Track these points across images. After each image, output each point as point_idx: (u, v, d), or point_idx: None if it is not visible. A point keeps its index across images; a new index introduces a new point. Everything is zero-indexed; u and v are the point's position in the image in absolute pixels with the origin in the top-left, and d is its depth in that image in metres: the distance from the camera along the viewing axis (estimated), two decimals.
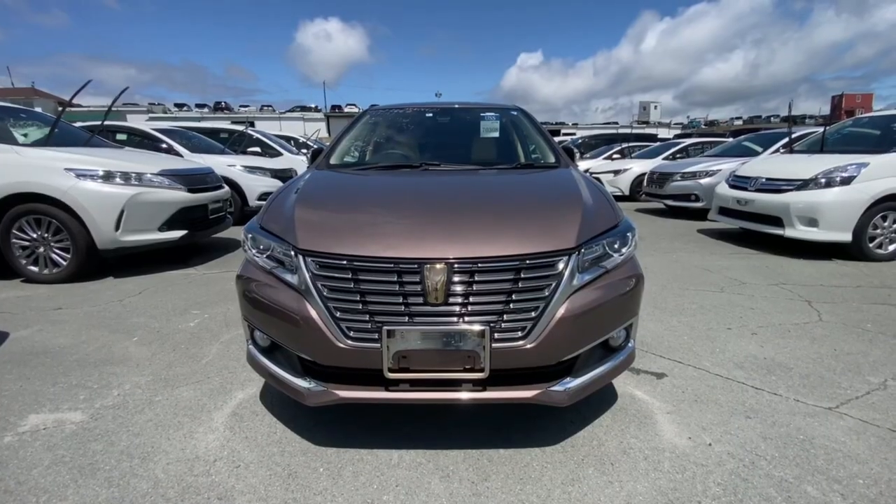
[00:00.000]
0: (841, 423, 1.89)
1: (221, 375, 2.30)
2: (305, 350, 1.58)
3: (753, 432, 1.83)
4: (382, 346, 1.47)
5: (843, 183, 4.65)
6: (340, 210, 1.85)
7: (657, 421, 1.92)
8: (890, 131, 5.23)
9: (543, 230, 1.63)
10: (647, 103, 77.73)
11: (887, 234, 4.71)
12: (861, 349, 2.61)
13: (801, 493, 1.49)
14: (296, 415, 1.93)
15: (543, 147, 2.87)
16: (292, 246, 1.63)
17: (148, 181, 4.09)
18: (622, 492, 1.51)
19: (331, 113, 59.26)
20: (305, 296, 1.55)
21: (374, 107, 3.33)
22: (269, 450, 1.72)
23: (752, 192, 5.41)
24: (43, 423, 1.88)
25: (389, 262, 1.50)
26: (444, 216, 1.73)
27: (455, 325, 1.47)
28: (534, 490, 1.51)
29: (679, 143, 11.57)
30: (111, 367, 2.37)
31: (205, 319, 3.08)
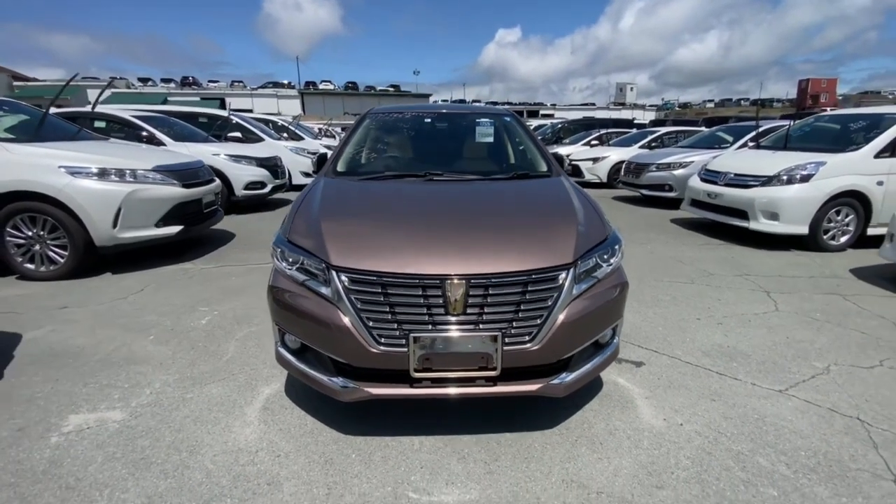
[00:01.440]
0: (789, 404, 2.24)
1: (245, 372, 2.48)
2: (340, 354, 1.79)
3: (717, 413, 2.16)
4: (409, 351, 1.70)
5: (803, 180, 5.07)
6: (364, 227, 2.04)
7: (637, 405, 2.23)
8: (847, 131, 5.67)
9: (546, 247, 1.88)
10: (624, 84, 78.61)
11: (840, 227, 5.18)
12: (810, 337, 2.99)
13: (754, 463, 1.83)
14: (322, 408, 2.15)
15: (536, 155, 3.09)
16: (325, 262, 1.82)
17: (143, 177, 4.12)
18: (610, 466, 1.80)
19: (305, 90, 57.44)
20: (340, 306, 1.75)
21: (372, 110, 3.45)
22: (304, 440, 1.95)
23: (722, 186, 5.80)
24: (85, 423, 2.04)
25: (415, 278, 1.72)
26: (459, 235, 1.94)
27: (472, 331, 1.71)
28: (537, 467, 1.80)
29: (655, 131, 11.97)
30: (136, 367, 2.52)
31: (215, 317, 3.23)
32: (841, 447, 1.93)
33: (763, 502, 1.63)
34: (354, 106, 52.84)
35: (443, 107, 3.57)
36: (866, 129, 5.41)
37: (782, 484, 1.72)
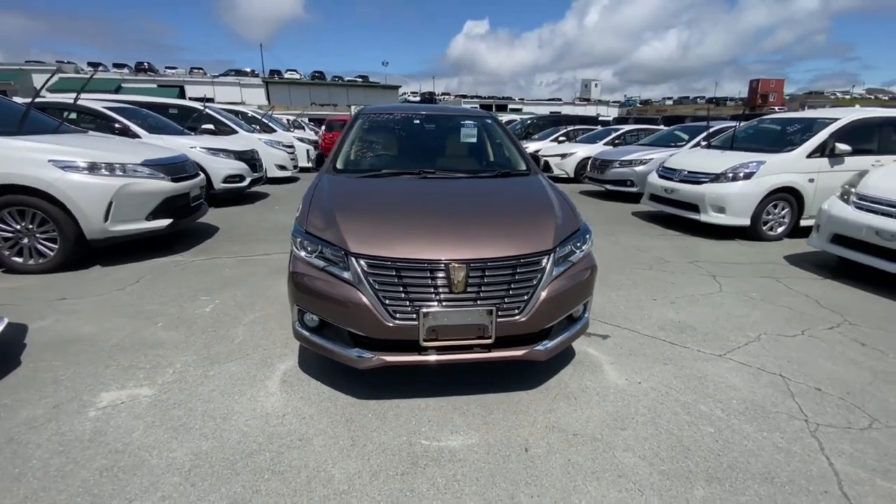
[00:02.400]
0: (726, 365, 2.72)
1: (258, 352, 2.72)
2: (358, 327, 2.08)
3: (668, 374, 2.60)
4: (419, 324, 2.02)
5: (746, 178, 5.69)
6: (375, 219, 2.31)
7: (604, 369, 2.64)
8: (785, 133, 6.37)
9: (530, 236, 2.23)
10: (589, 81, 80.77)
11: (777, 219, 5.85)
12: (746, 312, 3.51)
13: (697, 409, 2.27)
14: (335, 378, 2.44)
15: (516, 155, 3.44)
16: (344, 250, 2.10)
17: (132, 172, 4.20)
18: (583, 415, 2.20)
19: (269, 78, 55.72)
20: (359, 287, 2.05)
21: (364, 111, 3.70)
22: (324, 405, 2.23)
23: (677, 182, 6.38)
24: (118, 399, 2.25)
25: (424, 262, 2.03)
26: (457, 226, 2.26)
27: (471, 306, 2.05)
28: (525, 418, 2.16)
29: (618, 129, 12.66)
30: (153, 350, 2.71)
31: (217, 305, 3.42)
32: (765, 396, 2.40)
33: (702, 436, 2.06)
34: (322, 96, 51.81)
35: (429, 108, 3.86)
36: (801, 131, 6.11)
37: (718, 423, 2.16)
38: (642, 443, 2.02)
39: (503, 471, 1.83)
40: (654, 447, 1.99)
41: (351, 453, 1.91)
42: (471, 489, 1.74)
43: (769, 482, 1.80)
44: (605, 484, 1.78)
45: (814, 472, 1.86)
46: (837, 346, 2.97)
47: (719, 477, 1.83)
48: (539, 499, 1.70)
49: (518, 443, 2.00)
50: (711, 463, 1.90)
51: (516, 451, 1.95)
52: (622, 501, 1.69)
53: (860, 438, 2.07)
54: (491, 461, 1.88)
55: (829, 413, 2.26)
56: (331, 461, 1.87)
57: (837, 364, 2.74)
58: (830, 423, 2.18)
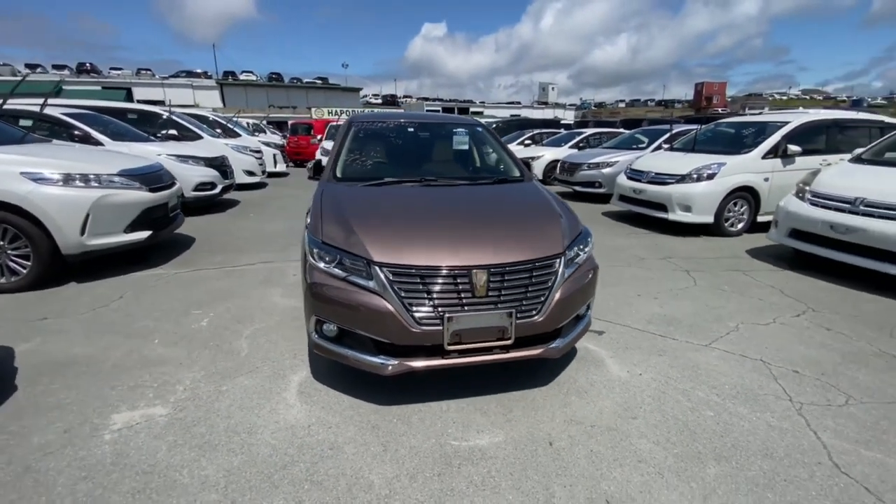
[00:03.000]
0: (713, 354, 2.95)
1: (268, 365, 2.70)
2: (384, 335, 2.13)
3: (665, 364, 2.80)
4: (444, 329, 2.09)
5: (709, 178, 6.11)
6: (392, 227, 2.36)
7: (606, 363, 2.81)
8: (741, 136, 6.88)
9: (543, 240, 2.36)
10: (546, 84, 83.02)
11: (737, 216, 6.31)
12: (722, 304, 3.80)
13: (695, 396, 2.46)
14: (352, 386, 2.46)
15: (509, 161, 3.58)
16: (366, 259, 2.15)
17: (109, 182, 4.02)
18: (596, 408, 2.34)
19: (224, 80, 53.70)
20: (384, 295, 2.09)
21: (356, 119, 3.72)
22: (347, 413, 2.26)
23: (645, 183, 6.75)
24: (132, 420, 2.18)
25: (448, 269, 2.11)
26: (474, 232, 2.35)
27: (493, 310, 2.14)
28: (543, 413, 2.28)
29: (582, 132, 13.18)
30: (157, 368, 2.63)
31: (213, 318, 3.34)
32: (752, 381, 2.63)
33: (704, 420, 2.25)
34: (280, 98, 50.47)
35: (421, 116, 3.92)
36: (755, 134, 6.62)
37: (716, 407, 2.36)
38: (653, 429, 2.18)
39: (533, 464, 1.93)
40: (665, 433, 2.15)
41: (384, 458, 1.96)
42: (506, 483, 1.83)
43: (769, 458, 2.00)
44: (628, 469, 1.91)
45: (805, 447, 2.08)
46: (806, 332, 3.28)
47: (726, 456, 2.01)
48: (571, 488, 1.81)
49: (542, 437, 2.11)
50: (717, 444, 2.08)
51: (542, 445, 2.06)
52: (646, 484, 1.84)
53: (840, 414, 2.32)
54: (520, 456, 1.98)
55: (809, 392, 2.51)
56: (366, 467, 1.90)
57: (809, 348, 3.03)
58: (812, 401, 2.43)
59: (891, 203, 4.03)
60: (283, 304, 3.65)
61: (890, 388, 2.56)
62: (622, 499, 1.76)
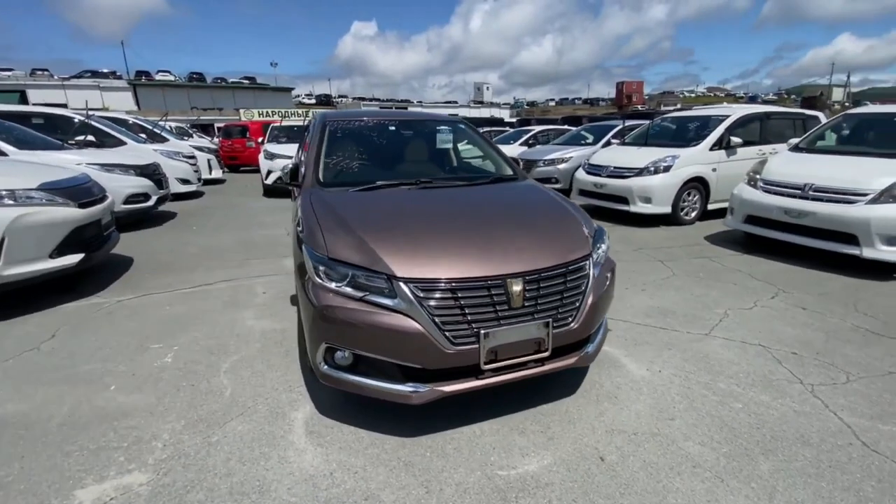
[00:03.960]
0: (716, 343, 2.99)
1: (261, 404, 2.33)
2: (414, 359, 1.87)
3: (678, 358, 2.78)
4: (480, 346, 1.89)
5: (665, 171, 6.38)
6: (408, 237, 2.09)
7: (623, 363, 2.74)
8: (688, 129, 7.27)
9: (569, 241, 2.22)
10: (481, 84, 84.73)
11: (691, 205, 6.65)
12: (705, 292, 3.92)
13: (717, 387, 2.45)
14: (366, 419, 2.18)
15: (499, 159, 3.42)
16: (387, 275, 1.88)
17: (27, 199, 3.35)
18: (632, 412, 2.24)
19: (137, 81, 48.94)
20: (412, 314, 1.84)
21: (328, 117, 3.37)
22: (372, 452, 1.98)
23: (605, 177, 6.93)
24: (105, 494, 1.75)
25: (481, 280, 1.90)
26: (498, 237, 2.15)
27: (530, 321, 1.96)
28: (582, 426, 2.14)
29: (530, 130, 13.45)
30: (122, 422, 2.17)
31: (179, 353, 2.86)
32: (761, 366, 2.68)
33: (736, 413, 2.23)
34: (204, 100, 46.96)
35: (400, 114, 3.65)
36: (700, 128, 7.02)
37: (741, 398, 2.36)
38: (693, 429, 2.12)
39: (593, 486, 1.79)
40: (706, 432, 2.10)
41: (431, 502, 1.71)
42: None
43: (807, 445, 2.01)
44: (687, 478, 1.82)
45: (833, 429, 2.12)
46: (787, 313, 3.45)
47: (770, 448, 1.99)
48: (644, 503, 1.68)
49: (590, 453, 1.97)
50: (757, 437, 2.06)
51: (593, 462, 1.91)
52: (710, 492, 1.75)
53: (847, 392, 2.41)
54: (576, 478, 1.83)
55: (813, 373, 2.60)
56: None
57: (795, 328, 3.18)
58: (819, 382, 2.51)
59: (837, 188, 4.38)
60: (259, 328, 3.23)
61: (876, 362, 2.72)
62: None
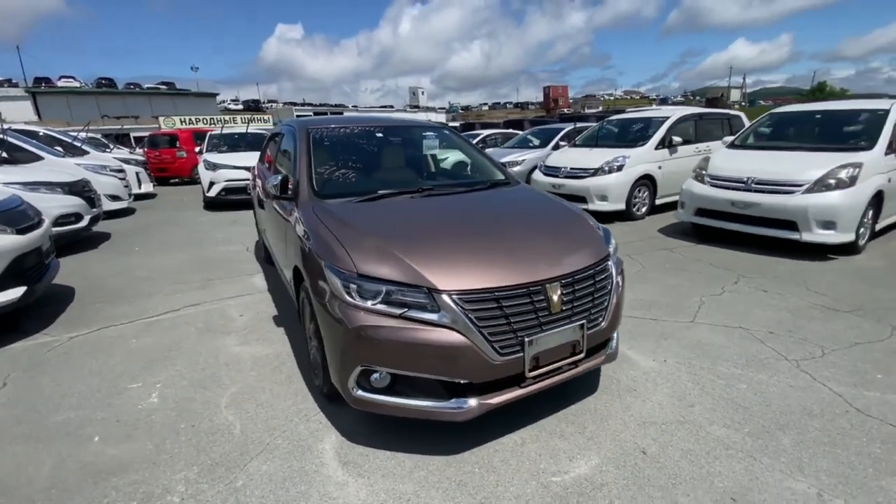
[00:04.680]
0: (703, 329, 3.20)
1: (281, 438, 2.14)
2: (462, 374, 1.82)
3: (675, 346, 2.95)
4: (525, 354, 1.87)
5: (618, 170, 6.77)
6: (438, 248, 2.02)
7: (630, 356, 2.85)
8: (633, 130, 7.77)
9: (589, 243, 2.27)
10: (416, 89, 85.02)
11: (641, 201, 7.11)
12: (677, 282, 4.19)
13: (719, 371, 2.63)
14: (400, 439, 2.08)
15: (488, 164, 3.42)
16: (427, 288, 1.81)
17: None
18: (655, 404, 2.34)
19: (36, 88, 43.39)
20: (459, 328, 1.78)
21: (309, 126, 3.19)
22: (417, 475, 1.89)
23: (563, 178, 7.22)
24: None
25: (523, 287, 1.88)
26: (525, 243, 2.14)
27: (567, 324, 1.98)
28: (615, 422, 2.20)
29: (478, 134, 13.69)
30: (122, 478, 1.89)
31: (163, 390, 2.56)
32: (749, 347, 2.90)
33: (744, 394, 2.40)
34: (115, 107, 42.72)
35: (382, 120, 3.54)
36: (644, 129, 7.54)
37: (743, 379, 2.54)
38: (714, 413, 2.25)
39: (645, 480, 1.83)
40: (726, 414, 2.24)
41: None
42: None
43: (813, 416, 2.21)
44: (725, 460, 1.93)
45: (828, 399, 2.35)
46: (752, 296, 3.78)
47: (784, 424, 2.16)
48: (694, 495, 1.75)
49: (631, 448, 2.02)
50: (770, 414, 2.23)
51: (637, 457, 1.97)
52: (749, 471, 1.87)
53: (826, 364, 2.68)
54: (627, 475, 1.86)
55: (794, 350, 2.87)
56: None
57: (764, 310, 3.49)
58: (801, 357, 2.77)
59: (776, 180, 4.89)
60: (248, 354, 2.98)
61: (841, 335, 3.05)
62: (741, 491, 1.76)
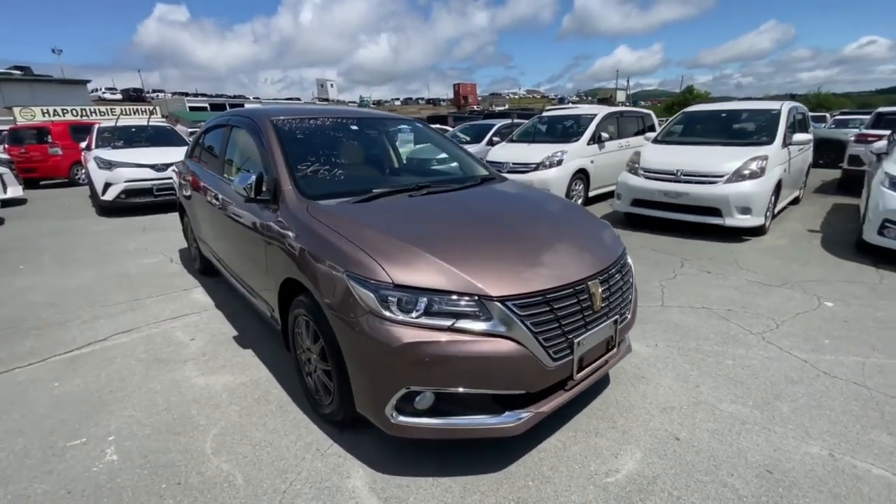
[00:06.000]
0: (675, 311, 3.43)
1: (299, 482, 1.83)
2: (518, 384, 1.70)
3: (658, 330, 3.12)
4: (574, 356, 1.81)
5: (558, 164, 7.07)
6: (476, 251, 1.86)
7: None
8: (564, 127, 8.16)
9: (607, 238, 2.28)
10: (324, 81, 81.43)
11: (578, 194, 7.51)
12: None
13: (706, 349, 2.82)
14: (436, 462, 1.91)
15: (470, 160, 3.30)
16: (478, 296, 1.65)
17: None
18: (667, 390, 2.43)
19: None
20: (516, 336, 1.66)
21: (274, 119, 2.78)
22: (473, 499, 1.73)
23: (506, 173, 7.31)
24: None
25: (569, 286, 1.81)
26: (553, 241, 2.07)
27: (605, 321, 1.95)
28: (640, 413, 2.24)
29: None
30: None
31: (121, 444, 2.06)
32: (718, 325, 3.16)
33: (734, 368, 2.60)
34: None
35: (345, 112, 3.21)
36: (575, 125, 7.96)
37: (727, 354, 2.76)
38: (718, 391, 2.40)
39: (689, 465, 1.88)
40: (728, 391, 2.40)
41: None
42: (693, 497, 1.72)
43: (795, 383, 2.46)
44: (747, 434, 2.06)
45: (797, 366, 2.63)
46: (700, 277, 4.16)
47: (777, 393, 2.37)
48: (737, 472, 1.83)
49: (664, 436, 2.06)
50: (762, 386, 2.44)
51: (672, 443, 2.01)
52: (771, 441, 2.01)
53: (784, 335, 3.02)
54: (672, 463, 1.89)
55: (754, 324, 3.19)
56: None
57: (715, 290, 3.85)
58: (762, 330, 3.09)
59: (701, 172, 5.44)
60: (219, 385, 2.54)
61: (782, 307, 3.47)
62: (777, 460, 1.89)
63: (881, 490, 1.73)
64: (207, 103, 50.21)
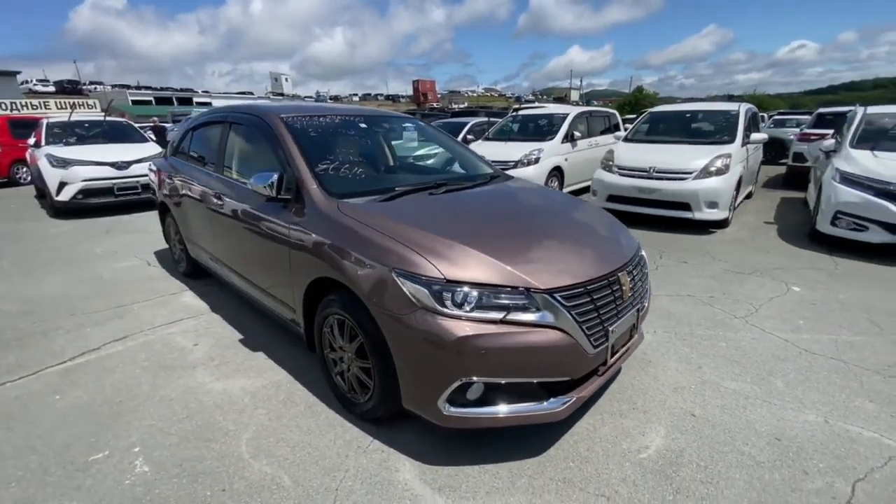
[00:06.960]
0: (662, 299, 3.67)
1: (348, 479, 1.84)
2: (563, 371, 1.80)
3: (653, 317, 3.32)
4: (609, 343, 1.93)
5: (535, 162, 7.27)
6: (519, 245, 1.96)
7: None
8: (537, 126, 8.38)
9: (621, 231, 2.42)
10: (279, 75, 78.72)
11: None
12: None
13: (700, 333, 3.05)
14: (479, 451, 1.98)
15: (473, 157, 3.37)
16: (526, 288, 1.73)
17: None
18: (674, 371, 2.62)
19: None
20: (563, 326, 1.75)
21: (281, 114, 2.73)
22: (521, 483, 1.81)
23: None
24: None
25: (604, 277, 1.93)
26: (581, 235, 2.19)
27: (631, 309, 2.09)
28: (655, 394, 2.41)
29: None
30: None
31: (149, 454, 1.99)
32: (706, 311, 3.43)
33: (729, 349, 2.84)
34: None
35: (350, 110, 3.18)
36: (548, 124, 8.20)
37: (719, 337, 3.00)
38: (720, 371, 2.62)
39: (708, 439, 2.05)
40: (727, 370, 2.62)
41: None
42: (718, 466, 1.89)
43: (782, 360, 2.72)
44: (751, 408, 2.27)
45: (781, 345, 2.91)
46: (679, 268, 4.45)
47: (769, 370, 2.62)
48: (750, 441, 2.02)
49: (681, 413, 2.24)
50: (755, 364, 2.68)
51: (690, 419, 2.19)
52: (775, 413, 2.22)
53: (763, 317, 3.31)
54: (693, 438, 2.06)
55: (736, 309, 3.47)
56: None
57: (695, 279, 4.15)
58: (744, 314, 3.38)
59: (671, 169, 5.79)
60: (237, 389, 2.48)
61: (757, 293, 3.79)
62: (782, 429, 2.10)
63: (874, 449, 1.98)
64: (152, 97, 47.22)
